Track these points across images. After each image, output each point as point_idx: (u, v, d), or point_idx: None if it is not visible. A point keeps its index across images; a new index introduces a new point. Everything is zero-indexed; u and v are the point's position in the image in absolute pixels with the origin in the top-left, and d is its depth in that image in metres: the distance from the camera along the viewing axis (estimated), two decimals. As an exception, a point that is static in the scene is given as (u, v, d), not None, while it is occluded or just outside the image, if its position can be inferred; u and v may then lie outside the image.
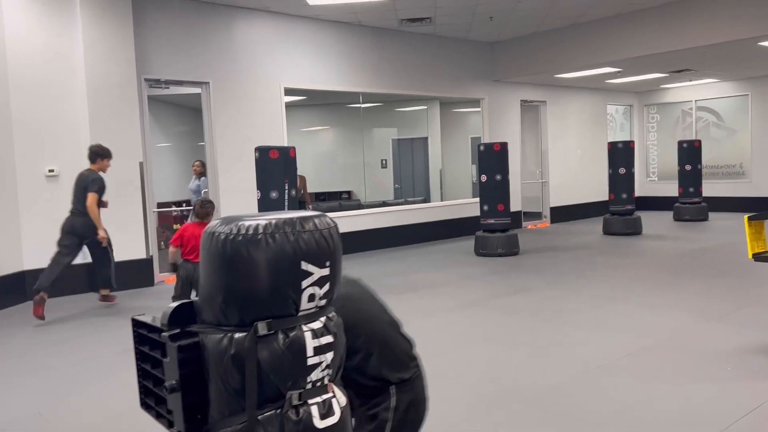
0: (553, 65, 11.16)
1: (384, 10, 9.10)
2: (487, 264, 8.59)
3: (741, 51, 10.18)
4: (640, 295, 6.19)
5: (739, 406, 3.39)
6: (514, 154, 12.65)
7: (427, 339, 4.97)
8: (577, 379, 3.93)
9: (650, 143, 15.75)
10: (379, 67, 10.36)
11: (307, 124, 14.10)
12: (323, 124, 14.24)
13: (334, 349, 1.40)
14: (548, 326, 5.22)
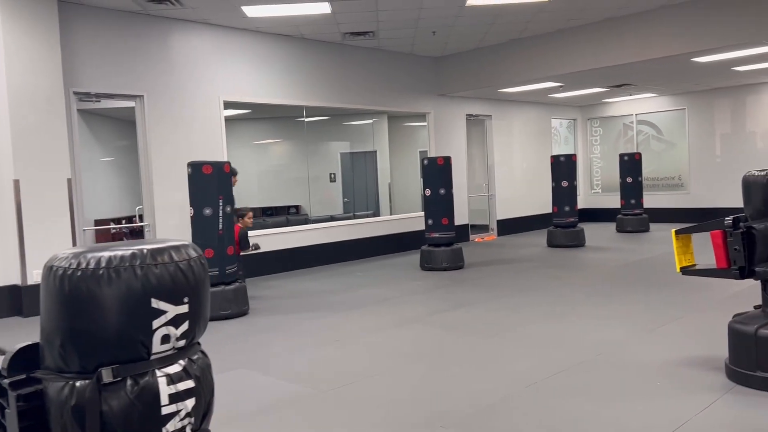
0: (497, 80, 11.27)
1: (325, 24, 9.01)
2: (431, 278, 8.53)
3: (676, 66, 10.48)
4: (578, 309, 6.20)
5: (666, 422, 3.37)
6: (461, 168, 12.72)
7: (363, 358, 4.85)
8: (509, 398, 3.86)
9: (594, 156, 16.08)
10: (323, 80, 10.25)
11: (256, 138, 13.87)
12: (272, 138, 14.03)
13: (196, 394, 1.26)
14: (486, 343, 5.16)
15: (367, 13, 8.53)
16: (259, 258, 9.35)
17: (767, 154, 12.98)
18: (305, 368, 4.69)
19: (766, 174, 3.83)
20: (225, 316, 6.33)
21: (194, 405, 1.28)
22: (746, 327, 3.82)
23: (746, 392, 3.73)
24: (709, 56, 9.68)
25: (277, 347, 5.34)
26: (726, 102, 13.72)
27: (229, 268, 6.45)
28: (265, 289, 8.26)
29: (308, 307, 6.89)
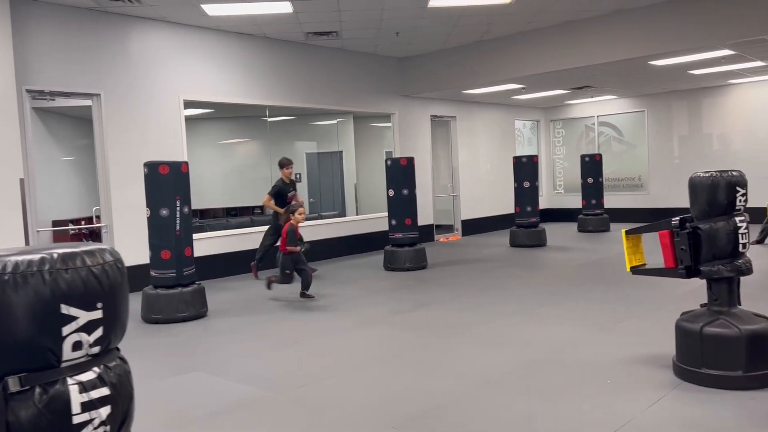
0: (460, 81, 11.34)
1: (288, 23, 8.96)
2: (394, 279, 8.54)
3: (634, 69, 10.69)
4: (536, 308, 6.28)
5: (613, 419, 3.43)
6: (425, 169, 12.77)
7: (321, 360, 4.83)
8: (463, 397, 3.89)
9: (556, 157, 16.31)
10: (286, 80, 10.18)
11: (220, 138, 13.72)
12: (236, 138, 13.90)
13: (111, 402, 1.23)
14: (444, 342, 5.18)
15: (330, 13, 8.50)
16: (223, 259, 9.25)
17: (723, 156, 13.33)
18: (262, 370, 4.65)
19: (710, 176, 3.93)
20: (182, 318, 6.25)
21: (110, 413, 1.25)
22: (692, 325, 3.91)
23: (692, 389, 3.82)
24: (666, 60, 9.90)
25: (234, 349, 5.28)
26: (683, 104, 14.05)
27: (186, 269, 6.36)
28: (225, 290, 8.17)
29: (269, 309, 6.84)
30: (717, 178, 3.90)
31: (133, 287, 7.72)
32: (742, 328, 3.75)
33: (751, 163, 12.87)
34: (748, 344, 3.74)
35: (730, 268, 3.87)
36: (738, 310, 3.91)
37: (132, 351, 5.28)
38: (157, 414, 3.88)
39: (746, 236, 3.90)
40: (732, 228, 3.87)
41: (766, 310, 5.07)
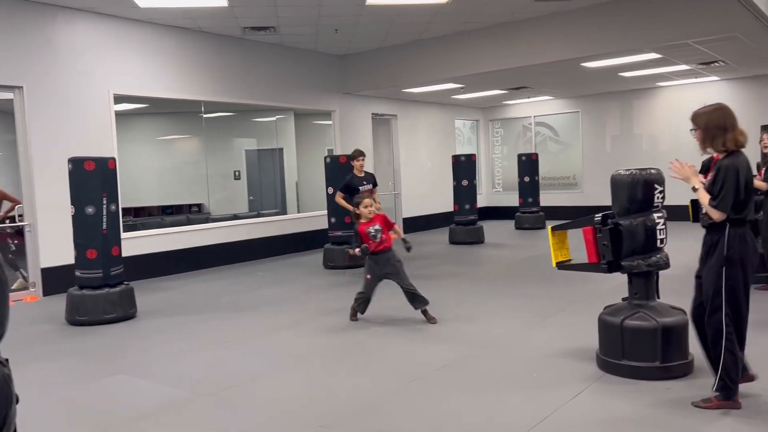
0: (400, 80, 11.39)
1: (223, 17, 8.78)
2: (333, 277, 8.50)
3: (568, 71, 10.99)
4: (470, 304, 6.37)
5: (538, 411, 3.51)
6: (366, 167, 12.74)
7: (251, 361, 4.75)
8: (392, 394, 3.89)
9: (495, 156, 16.61)
10: (223, 75, 9.98)
11: (154, 133, 13.31)
12: (172, 134, 13.51)
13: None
14: (377, 340, 5.19)
15: (266, 8, 8.38)
16: (157, 259, 8.99)
17: (652, 156, 13.86)
18: (190, 372, 4.53)
19: (630, 174, 4.06)
20: (110, 320, 6.03)
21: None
22: (613, 318, 4.04)
23: (614, 380, 3.95)
24: (597, 62, 10.22)
25: (162, 351, 5.13)
26: (615, 106, 14.55)
27: (114, 269, 6.14)
28: (159, 290, 7.95)
29: (201, 309, 6.69)
30: (636, 176, 4.04)
31: (59, 288, 7.43)
32: (660, 321, 3.90)
33: (677, 162, 13.42)
34: (665, 336, 3.89)
35: (649, 263, 4.01)
36: (656, 304, 4.06)
37: (54, 354, 5.10)
38: (77, 419, 3.73)
39: (664, 232, 4.06)
40: (650, 224, 4.01)
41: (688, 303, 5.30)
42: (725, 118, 3.41)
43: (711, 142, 3.43)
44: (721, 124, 3.40)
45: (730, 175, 3.32)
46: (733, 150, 3.40)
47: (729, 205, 3.31)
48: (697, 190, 3.45)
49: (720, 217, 3.35)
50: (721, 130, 3.39)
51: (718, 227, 3.42)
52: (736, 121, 3.41)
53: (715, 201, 3.35)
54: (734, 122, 3.41)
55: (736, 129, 3.39)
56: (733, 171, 3.33)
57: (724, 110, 3.44)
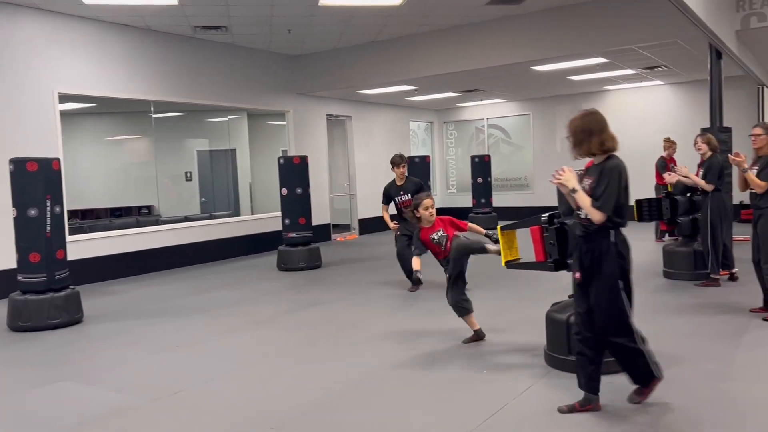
0: (354, 81, 11.40)
1: (173, 16, 8.63)
2: (287, 279, 8.46)
3: (519, 74, 11.21)
4: (423, 304, 6.42)
5: (487, 406, 3.57)
6: (322, 167, 12.75)
7: (202, 364, 4.69)
8: (344, 393, 3.90)
9: (449, 158, 16.80)
10: (173, 75, 9.80)
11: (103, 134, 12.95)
12: (121, 134, 13.18)
13: None
14: (331, 340, 5.19)
15: (217, 6, 8.28)
16: (105, 262, 8.76)
17: (600, 157, 14.25)
18: (137, 377, 4.44)
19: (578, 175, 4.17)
20: (54, 325, 5.85)
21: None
22: (560, 315, 4.15)
23: (560, 375, 4.05)
24: (547, 66, 10.46)
25: (109, 356, 5.01)
26: (565, 108, 14.87)
27: (59, 273, 5.96)
28: (107, 294, 7.75)
29: (151, 313, 6.55)
30: (581, 177, 4.15)
31: (0, 293, 7.16)
32: (604, 317, 4.02)
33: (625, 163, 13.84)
34: (609, 331, 4.01)
35: (593, 261, 4.13)
36: (600, 300, 4.18)
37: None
38: (18, 428, 3.61)
39: (607, 231, 4.18)
40: (595, 223, 4.13)
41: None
42: (591, 123, 3.39)
43: (579, 146, 3.42)
44: (587, 128, 3.38)
45: (614, 177, 3.31)
46: (610, 154, 3.40)
47: (611, 206, 3.28)
48: (576, 191, 3.41)
49: (601, 218, 3.28)
50: (587, 134, 3.38)
51: (600, 234, 3.34)
52: (605, 125, 3.40)
53: (598, 202, 3.31)
54: (602, 127, 3.39)
55: (604, 133, 3.38)
56: (616, 173, 3.33)
57: (592, 116, 3.43)
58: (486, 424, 3.36)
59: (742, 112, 12.21)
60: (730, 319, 5.30)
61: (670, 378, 3.93)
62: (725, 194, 6.50)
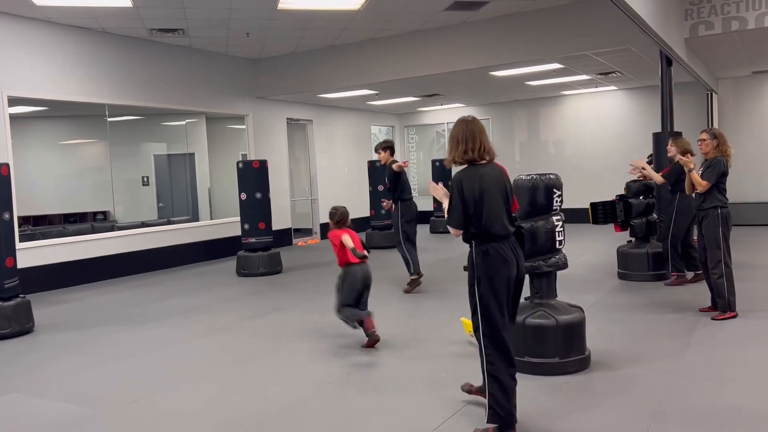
0: (315, 85, 11.37)
1: (128, 18, 8.46)
2: (247, 284, 8.36)
3: (478, 79, 11.34)
4: (386, 307, 6.42)
5: (444, 409, 3.60)
6: (282, 172, 12.67)
7: (158, 373, 4.60)
8: (304, 399, 3.88)
9: (411, 161, 16.87)
10: (128, 78, 9.61)
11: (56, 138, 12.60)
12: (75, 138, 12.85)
13: None
14: (291, 346, 5.16)
15: (174, 9, 8.15)
16: (58, 269, 8.53)
17: (557, 161, 14.53)
18: (90, 388, 4.33)
19: (531, 179, 4.25)
20: (3, 335, 5.66)
21: None
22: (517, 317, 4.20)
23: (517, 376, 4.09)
24: (505, 71, 10.62)
25: (61, 367, 4.88)
26: (523, 113, 15.15)
27: (8, 282, 5.77)
28: (60, 303, 7.54)
29: (105, 322, 6.40)
30: (536, 181, 4.23)
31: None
32: (559, 319, 4.10)
33: (579, 167, 14.18)
34: (564, 333, 4.09)
35: (549, 264, 4.21)
36: (556, 302, 4.27)
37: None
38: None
39: (562, 234, 4.27)
40: (550, 227, 4.21)
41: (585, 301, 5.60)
42: (459, 132, 3.23)
43: (448, 154, 3.30)
44: (455, 136, 3.24)
45: (454, 190, 3.17)
46: (470, 163, 3.22)
47: (457, 219, 3.15)
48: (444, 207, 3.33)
49: (455, 233, 3.22)
50: (455, 142, 3.24)
51: (469, 245, 3.25)
52: (476, 135, 3.20)
53: (447, 217, 3.23)
54: (468, 136, 3.19)
55: (470, 143, 3.18)
56: (456, 185, 3.17)
57: (463, 123, 3.26)
58: (443, 426, 3.39)
59: (692, 117, 12.61)
60: (681, 318, 5.46)
61: (623, 376, 4.04)
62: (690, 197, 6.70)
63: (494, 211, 3.16)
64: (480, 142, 3.20)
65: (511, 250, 3.21)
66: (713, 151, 5.51)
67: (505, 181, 3.26)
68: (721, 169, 5.39)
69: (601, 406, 3.57)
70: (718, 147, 5.50)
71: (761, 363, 4.24)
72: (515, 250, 3.24)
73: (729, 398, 3.64)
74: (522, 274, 3.29)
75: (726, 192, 5.46)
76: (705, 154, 5.59)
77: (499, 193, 3.20)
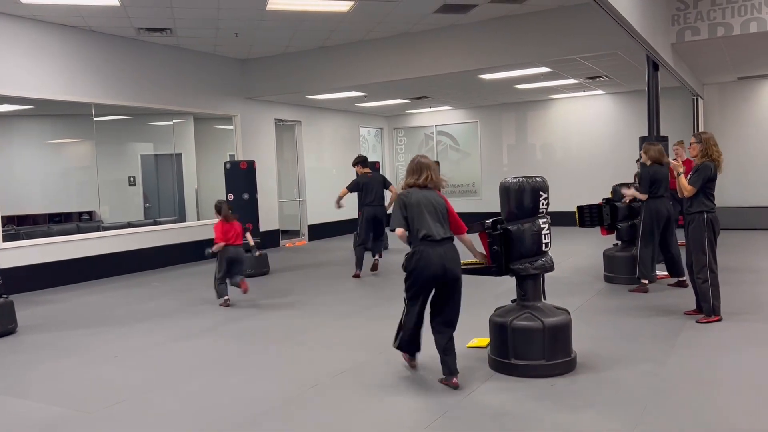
0: (304, 86, 11.35)
1: (116, 17, 8.41)
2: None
3: (466, 82, 11.37)
4: (371, 310, 6.43)
5: (432, 411, 3.59)
6: (270, 173, 12.62)
7: (142, 374, 4.56)
8: (290, 401, 3.86)
9: (399, 164, 16.88)
10: (116, 77, 9.54)
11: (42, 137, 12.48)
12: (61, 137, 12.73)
13: None
14: (277, 348, 5.13)
15: (162, 8, 8.11)
16: (43, 269, 8.44)
17: (545, 164, 14.60)
18: (73, 389, 4.29)
19: (518, 181, 4.26)
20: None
21: None
22: (503, 319, 4.22)
23: (504, 379, 4.12)
24: (493, 74, 10.65)
25: (45, 368, 4.82)
26: (511, 116, 15.21)
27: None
28: (44, 303, 7.46)
29: (90, 323, 6.34)
30: (523, 184, 4.24)
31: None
32: (545, 321, 4.11)
33: (566, 170, 14.25)
34: (550, 335, 4.10)
35: (536, 266, 4.22)
36: (542, 304, 4.28)
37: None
38: (-59, 446, 3.43)
39: (548, 236, 4.28)
40: (537, 229, 4.22)
41: (572, 304, 5.63)
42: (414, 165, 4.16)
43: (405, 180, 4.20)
44: (409, 168, 4.19)
45: (397, 204, 4.06)
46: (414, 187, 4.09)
47: (396, 225, 4.02)
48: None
49: (399, 233, 4.06)
50: (408, 172, 4.21)
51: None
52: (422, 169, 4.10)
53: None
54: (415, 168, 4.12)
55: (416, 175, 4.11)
56: (399, 200, 4.05)
57: (416, 158, 4.18)
58: (430, 427, 3.38)
59: (678, 121, 12.72)
60: (666, 321, 5.49)
61: (608, 379, 4.06)
62: (660, 202, 6.71)
63: (424, 220, 3.96)
64: (426, 175, 4.09)
65: (439, 254, 3.93)
66: (700, 156, 5.53)
67: (437, 203, 4.04)
68: (707, 175, 5.39)
69: (587, 409, 3.58)
70: (705, 151, 5.49)
71: (744, 366, 4.28)
72: (445, 255, 3.94)
73: (712, 401, 3.67)
74: (451, 276, 3.98)
75: (713, 197, 5.48)
76: (694, 158, 5.62)
77: (428, 208, 4.00)
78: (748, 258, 8.95)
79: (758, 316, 5.58)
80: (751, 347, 4.66)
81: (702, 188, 5.39)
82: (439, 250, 3.93)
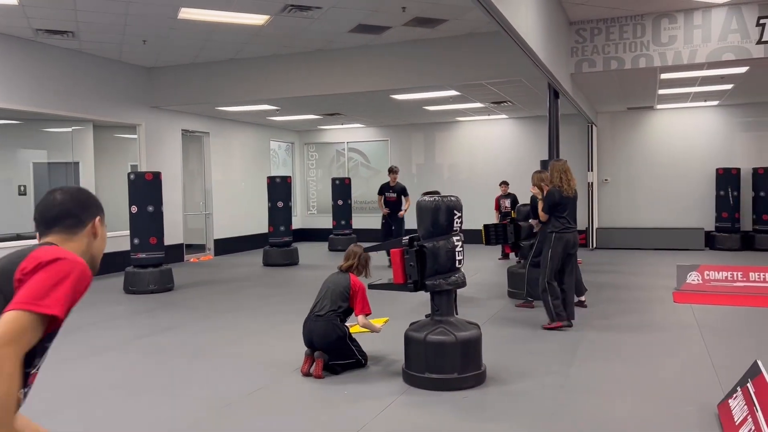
0: (213, 97, 11.11)
1: (12, 16, 7.90)
2: (136, 302, 7.96)
3: (378, 101, 11.57)
4: (282, 326, 6.35)
5: (347, 427, 3.61)
6: (176, 185, 12.21)
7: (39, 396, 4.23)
8: (200, 421, 3.75)
9: (310, 179, 16.85)
10: (8, 79, 8.93)
11: None
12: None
13: None
14: (186, 366, 4.96)
15: (64, 11, 7.71)
16: None
17: (452, 183, 15.05)
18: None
19: (433, 200, 4.40)
20: None
21: None
22: (417, 334, 4.31)
23: (418, 393, 4.20)
24: (405, 95, 10.91)
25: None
26: (421, 136, 15.59)
27: None
28: None
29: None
30: (438, 203, 4.38)
31: None
32: (458, 335, 4.24)
33: (472, 190, 14.76)
34: (462, 349, 4.24)
35: (449, 282, 4.36)
36: (455, 319, 4.42)
37: None
38: None
39: (462, 253, 4.44)
40: (451, 246, 4.37)
41: (482, 318, 5.83)
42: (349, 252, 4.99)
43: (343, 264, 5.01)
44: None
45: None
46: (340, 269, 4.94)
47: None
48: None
49: None
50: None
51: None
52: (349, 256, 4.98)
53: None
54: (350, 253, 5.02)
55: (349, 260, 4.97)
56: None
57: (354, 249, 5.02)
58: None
59: (575, 146, 13.54)
60: (566, 335, 5.81)
61: (516, 391, 4.23)
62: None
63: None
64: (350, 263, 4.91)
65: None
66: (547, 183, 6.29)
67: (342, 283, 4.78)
68: (551, 200, 6.07)
69: (498, 420, 3.72)
70: (550, 179, 6.20)
71: (630, 376, 4.60)
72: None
73: (609, 409, 3.92)
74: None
75: (565, 219, 6.04)
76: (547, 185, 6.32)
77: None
78: (628, 275, 9.61)
79: (648, 328, 6.03)
80: (642, 357, 5.02)
81: (551, 212, 6.04)
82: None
